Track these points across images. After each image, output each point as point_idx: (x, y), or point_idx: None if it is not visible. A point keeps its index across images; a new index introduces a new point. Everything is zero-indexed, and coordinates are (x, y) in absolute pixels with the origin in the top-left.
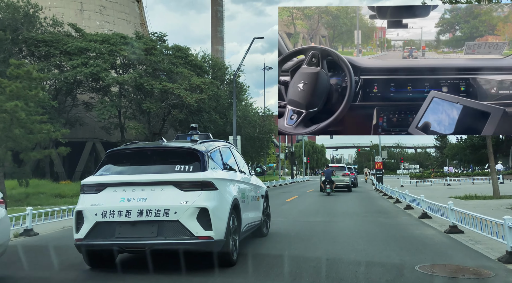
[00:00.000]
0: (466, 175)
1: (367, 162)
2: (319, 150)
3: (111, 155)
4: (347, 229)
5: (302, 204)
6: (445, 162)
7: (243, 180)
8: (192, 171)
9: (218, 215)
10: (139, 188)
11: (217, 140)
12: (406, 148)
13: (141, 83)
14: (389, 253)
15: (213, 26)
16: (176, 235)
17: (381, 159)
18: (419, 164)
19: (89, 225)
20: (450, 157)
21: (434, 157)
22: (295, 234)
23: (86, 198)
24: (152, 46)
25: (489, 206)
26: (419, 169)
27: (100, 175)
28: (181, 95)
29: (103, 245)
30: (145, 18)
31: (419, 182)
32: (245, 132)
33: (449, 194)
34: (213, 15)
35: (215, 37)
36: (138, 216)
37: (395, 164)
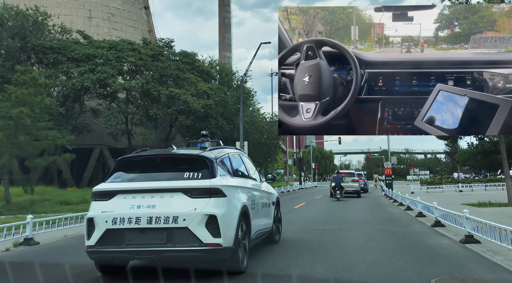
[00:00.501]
0: (478, 181)
1: (376, 168)
2: (328, 156)
3: (121, 162)
4: (357, 239)
5: (311, 211)
6: (456, 168)
7: (253, 186)
8: (201, 178)
9: (226, 222)
10: (149, 195)
11: (227, 147)
12: (415, 153)
13: (148, 89)
14: (402, 265)
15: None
16: (185, 242)
17: (390, 165)
18: (429, 170)
19: (100, 232)
20: (461, 163)
21: (444, 163)
22: (303, 243)
23: (97, 205)
24: (159, 52)
25: (505, 214)
26: (430, 175)
27: (110, 182)
28: (187, 101)
29: (113, 252)
30: (152, 25)
31: (430, 189)
32: (252, 138)
33: (461, 201)
34: (220, 22)
35: (222, 43)
36: (147, 223)
37: (405, 170)
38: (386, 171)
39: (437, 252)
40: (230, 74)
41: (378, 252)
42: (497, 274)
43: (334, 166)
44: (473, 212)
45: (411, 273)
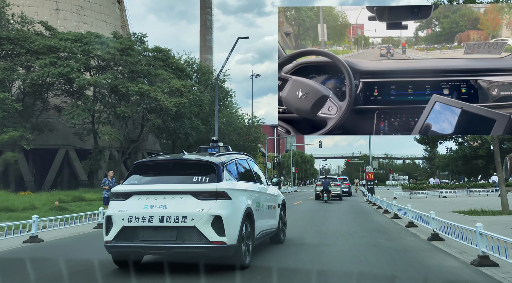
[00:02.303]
0: (461, 186)
1: (356, 173)
2: (308, 160)
3: (137, 166)
4: (342, 258)
5: (288, 219)
6: (434, 173)
7: (258, 190)
8: (208, 182)
9: (231, 222)
10: (161, 196)
11: (235, 153)
12: (394, 159)
13: (116, 86)
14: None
15: (202, 34)
16: (192, 239)
17: (372, 170)
18: (408, 175)
19: (117, 229)
20: (441, 168)
21: (423, 168)
22: (274, 264)
23: (115, 205)
24: (128, 46)
25: (506, 224)
26: (410, 181)
27: (127, 184)
28: (158, 99)
29: (128, 247)
30: (126, 20)
31: (413, 194)
32: (229, 139)
33: (449, 208)
34: (202, 24)
35: (204, 45)
36: (159, 222)
37: (384, 175)
38: (367, 175)
39: (448, 280)
40: (208, 73)
41: (371, 280)
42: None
43: (315, 170)
44: (466, 221)
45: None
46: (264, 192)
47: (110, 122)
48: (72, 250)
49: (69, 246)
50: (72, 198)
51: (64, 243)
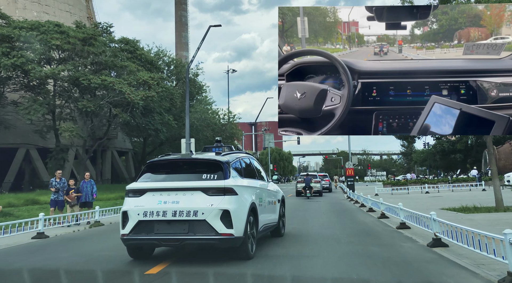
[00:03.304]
0: (443, 181)
1: (334, 169)
2: (286, 157)
3: (150, 165)
4: (328, 277)
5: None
6: (411, 168)
7: (260, 186)
8: (216, 179)
9: (238, 216)
10: (173, 192)
11: (238, 152)
12: (372, 155)
13: (77, 78)
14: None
15: (177, 31)
16: (203, 232)
17: (352, 165)
18: (385, 171)
19: (133, 223)
20: (419, 163)
21: (399, 164)
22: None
23: (131, 201)
24: (91, 36)
25: (510, 223)
26: (388, 176)
27: (141, 182)
28: (123, 91)
29: (144, 239)
30: (93, 11)
31: (394, 190)
32: (203, 135)
33: (437, 205)
34: (177, 20)
35: (179, 42)
36: (172, 216)
37: (362, 171)
38: (347, 171)
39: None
40: (180, 66)
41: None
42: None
43: (293, 167)
44: (461, 221)
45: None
46: (266, 188)
47: (73, 118)
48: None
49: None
50: (24, 201)
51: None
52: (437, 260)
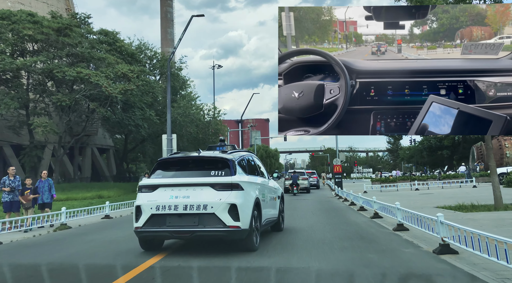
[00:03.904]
0: (432, 178)
1: (321, 166)
2: (273, 155)
3: (161, 162)
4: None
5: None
6: (398, 165)
7: (262, 183)
8: (224, 176)
9: (244, 209)
10: (184, 188)
11: (241, 150)
12: (358, 152)
13: (51, 70)
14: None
15: (163, 27)
16: (212, 224)
17: (340, 162)
18: (372, 168)
19: (146, 216)
20: (405, 160)
21: (385, 161)
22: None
23: (144, 196)
24: (66, 26)
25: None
26: (375, 173)
27: (153, 178)
28: (100, 84)
29: (156, 232)
30: (72, 3)
31: (383, 187)
32: (186, 132)
33: (430, 203)
34: (162, 16)
35: (165, 39)
36: (183, 210)
37: (349, 168)
38: (335, 168)
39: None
40: (163, 60)
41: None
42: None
43: (279, 164)
44: (462, 221)
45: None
46: (267, 185)
47: (48, 113)
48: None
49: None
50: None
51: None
52: (452, 272)
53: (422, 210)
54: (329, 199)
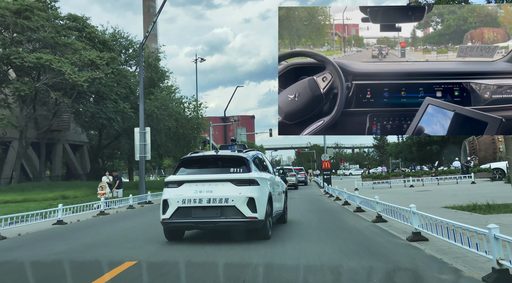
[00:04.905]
0: (425, 174)
1: (307, 163)
2: None
3: (183, 161)
4: None
5: (225, 237)
6: (384, 161)
7: (271, 179)
8: (242, 172)
9: (260, 202)
10: (207, 183)
11: (252, 149)
12: (344, 148)
13: (8, 56)
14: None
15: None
16: (233, 215)
17: (328, 158)
18: (358, 164)
19: (173, 209)
20: (393, 156)
21: (372, 157)
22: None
23: (170, 191)
24: (26, 8)
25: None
26: (363, 169)
27: (178, 175)
28: (62, 71)
29: (183, 223)
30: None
31: (376, 184)
32: (164, 126)
33: (434, 202)
34: (145, 11)
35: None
36: (207, 203)
37: (335, 164)
38: (323, 164)
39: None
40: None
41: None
42: None
43: None
44: (503, 228)
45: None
46: (275, 180)
47: (8, 105)
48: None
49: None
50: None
51: None
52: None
53: (429, 211)
54: (318, 198)
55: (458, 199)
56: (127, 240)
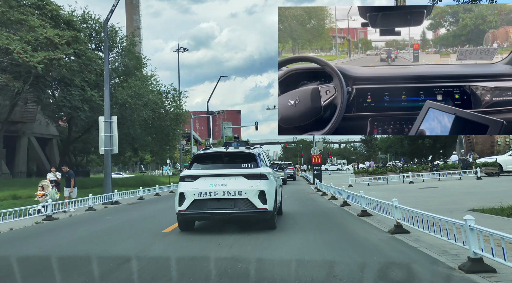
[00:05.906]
0: (424, 169)
1: (294, 158)
2: None
3: (196, 157)
4: None
5: (211, 242)
6: (372, 156)
7: (274, 173)
8: (253, 167)
9: (270, 195)
10: (221, 178)
11: (256, 146)
12: (331, 143)
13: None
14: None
15: (128, 13)
16: (245, 207)
17: (318, 152)
18: (346, 159)
19: (189, 201)
20: (383, 150)
21: (359, 152)
22: None
23: (187, 184)
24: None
25: None
26: (352, 164)
27: (193, 170)
28: (10, 49)
29: (199, 214)
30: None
31: (371, 180)
32: (139, 117)
33: (453, 203)
34: (127, 2)
35: (130, 26)
36: (221, 195)
37: (322, 159)
38: (313, 159)
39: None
40: (112, 33)
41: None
42: None
43: None
44: None
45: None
46: (275, 175)
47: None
48: None
49: None
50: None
51: None
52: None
53: (452, 215)
54: (310, 196)
55: (478, 198)
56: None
